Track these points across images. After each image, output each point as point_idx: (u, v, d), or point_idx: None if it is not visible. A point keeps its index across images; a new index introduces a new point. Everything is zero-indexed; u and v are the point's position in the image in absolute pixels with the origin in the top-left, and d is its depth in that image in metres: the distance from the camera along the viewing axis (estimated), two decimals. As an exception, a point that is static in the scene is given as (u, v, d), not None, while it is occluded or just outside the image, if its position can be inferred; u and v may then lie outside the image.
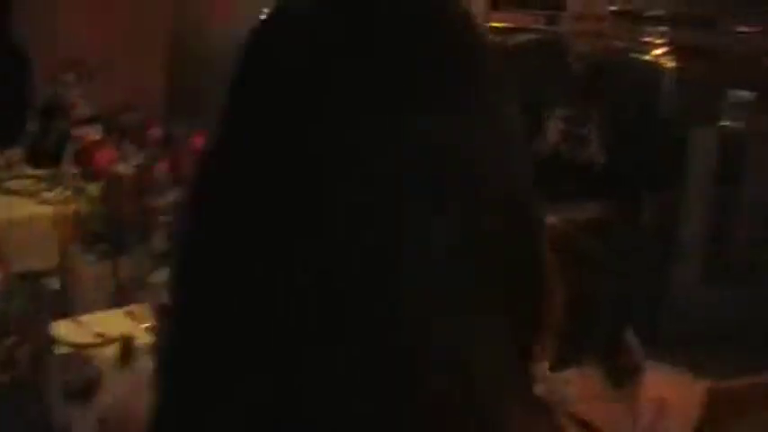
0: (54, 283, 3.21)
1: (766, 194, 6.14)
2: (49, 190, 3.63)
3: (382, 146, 0.65)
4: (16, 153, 3.94)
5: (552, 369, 1.75)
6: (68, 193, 3.50)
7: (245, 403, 0.65)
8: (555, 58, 3.37)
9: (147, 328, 2.30)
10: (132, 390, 1.75)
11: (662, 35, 5.06)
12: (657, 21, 5.32)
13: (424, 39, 0.68)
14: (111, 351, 2.18)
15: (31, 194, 3.65)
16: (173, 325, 0.74)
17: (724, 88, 5.27)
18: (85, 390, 1.85)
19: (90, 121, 3.87)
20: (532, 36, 4.70)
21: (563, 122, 3.16)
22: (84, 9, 5.59)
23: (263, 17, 0.75)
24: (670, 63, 4.74)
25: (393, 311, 0.64)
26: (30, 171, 3.87)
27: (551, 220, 1.74)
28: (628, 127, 3.14)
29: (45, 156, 3.78)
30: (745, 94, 5.79)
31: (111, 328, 2.32)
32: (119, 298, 2.89)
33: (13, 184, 3.77)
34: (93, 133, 3.78)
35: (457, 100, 0.69)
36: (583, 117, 3.13)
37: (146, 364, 2.01)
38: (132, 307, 2.51)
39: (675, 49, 4.94)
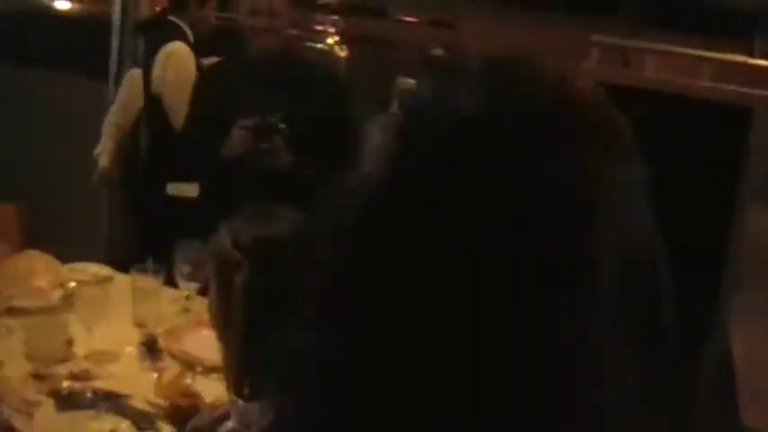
0: None
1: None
2: None
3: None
4: None
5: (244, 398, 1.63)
6: None
7: None
8: (238, 60, 3.21)
9: None
10: None
11: (334, 24, 5.07)
12: (329, 10, 5.34)
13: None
14: None
15: None
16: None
17: (394, 77, 5.39)
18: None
19: None
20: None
21: (248, 131, 2.99)
22: None
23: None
24: (342, 52, 4.76)
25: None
26: None
27: (245, 237, 1.60)
28: (312, 128, 3.02)
29: None
30: (412, 82, 5.98)
31: None
32: None
33: None
34: None
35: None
36: (267, 124, 2.98)
37: None
38: None
39: (347, 39, 4.97)
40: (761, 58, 7.96)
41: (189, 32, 3.85)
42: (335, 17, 5.19)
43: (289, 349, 0.82)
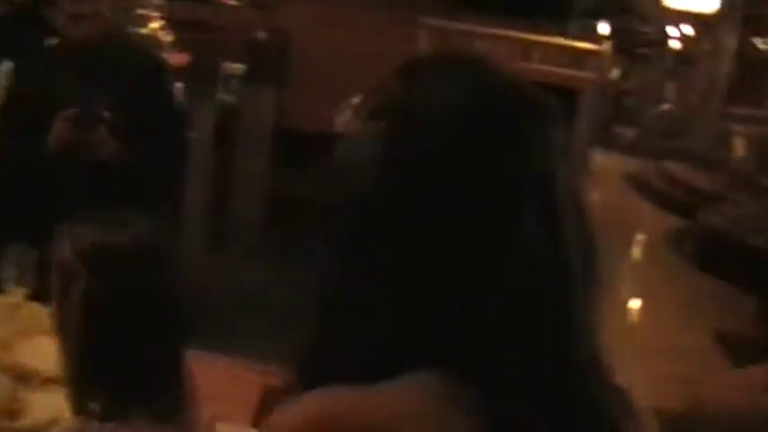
0: None
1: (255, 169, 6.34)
2: None
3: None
4: None
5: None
6: None
7: None
8: (56, 48, 2.97)
9: None
10: None
11: (157, 8, 4.86)
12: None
13: None
14: None
15: None
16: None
17: (219, 61, 5.26)
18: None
19: None
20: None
21: (71, 123, 2.80)
22: None
23: None
24: (167, 37, 4.57)
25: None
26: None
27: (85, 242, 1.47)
28: (138, 116, 2.86)
29: None
30: (237, 67, 5.86)
31: None
32: None
33: None
34: None
35: None
36: (91, 114, 2.79)
37: None
38: None
39: (171, 23, 4.78)
40: (574, 40, 8.28)
41: None
42: (158, 1, 4.98)
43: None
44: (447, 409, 0.89)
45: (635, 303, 7.65)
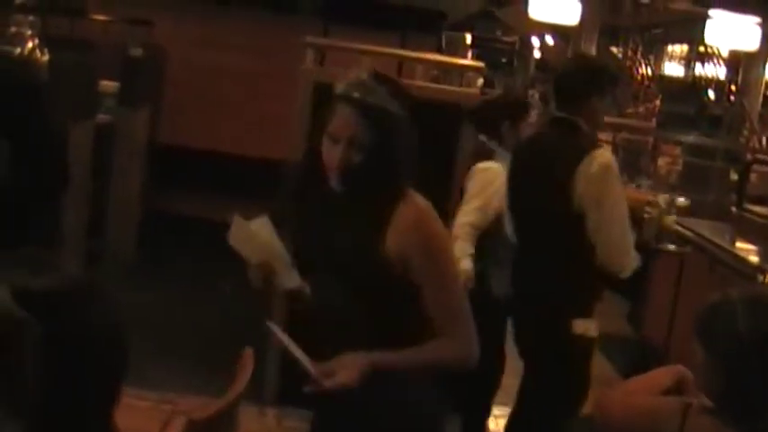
0: None
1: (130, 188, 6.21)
2: None
3: None
4: None
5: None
6: None
7: None
8: None
9: None
10: None
11: (32, 25, 4.71)
12: (28, 10, 4.95)
13: None
14: None
15: None
16: None
17: (95, 79, 5.12)
18: None
19: None
20: None
21: None
22: None
23: None
24: (44, 56, 4.43)
25: None
26: None
27: None
28: (23, 138, 2.75)
29: None
30: (112, 85, 5.72)
31: None
32: None
33: None
34: None
35: None
36: None
37: None
38: None
39: (47, 41, 4.63)
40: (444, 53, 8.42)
41: None
42: (32, 18, 4.82)
43: None
44: None
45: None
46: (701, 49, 13.41)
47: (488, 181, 3.75)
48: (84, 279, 1.40)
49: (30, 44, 4.44)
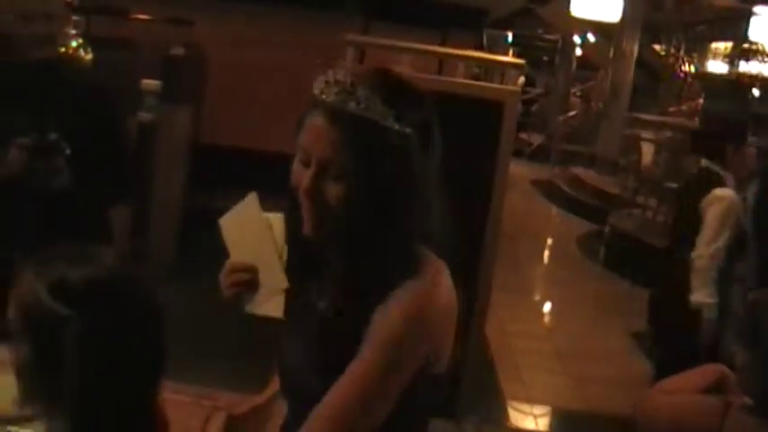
0: None
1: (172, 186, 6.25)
2: None
3: None
4: None
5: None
6: None
7: None
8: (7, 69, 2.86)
9: None
10: None
11: (76, 25, 4.77)
12: (72, 10, 5.01)
13: None
14: None
15: None
16: None
17: (137, 78, 5.16)
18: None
19: None
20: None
21: (25, 151, 2.70)
22: None
23: None
24: (87, 55, 4.49)
25: None
26: None
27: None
28: (88, 141, 2.76)
29: None
30: (153, 84, 5.76)
31: None
32: None
33: None
34: None
35: None
36: (46, 142, 2.70)
37: None
38: None
39: (90, 40, 4.69)
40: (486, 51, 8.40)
41: None
42: (76, 17, 4.88)
43: None
44: None
45: (548, 307, 7.82)
46: (745, 45, 13.26)
47: (730, 210, 3.82)
48: (124, 272, 1.42)
49: (74, 43, 4.49)
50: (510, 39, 15.04)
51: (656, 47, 14.96)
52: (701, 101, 12.58)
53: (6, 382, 2.14)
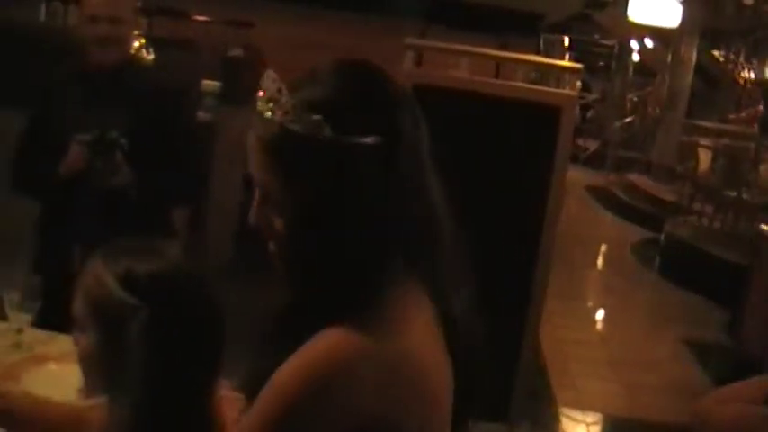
0: None
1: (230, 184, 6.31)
2: None
3: None
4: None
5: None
6: None
7: None
8: (70, 69, 2.92)
9: None
10: None
11: (138, 26, 4.83)
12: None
13: None
14: None
15: None
16: None
17: (197, 78, 5.24)
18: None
19: None
20: None
21: (86, 147, 2.75)
22: None
23: None
24: (149, 55, 4.56)
25: None
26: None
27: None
28: (151, 140, 2.81)
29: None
30: (213, 84, 5.83)
31: None
32: None
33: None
34: None
35: None
36: (106, 139, 2.75)
37: None
38: None
39: (152, 41, 4.76)
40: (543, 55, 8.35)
41: None
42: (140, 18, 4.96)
43: None
44: None
45: (602, 314, 7.75)
46: (808, 52, 13.02)
47: None
48: (188, 267, 1.44)
49: (136, 44, 4.56)
50: (566, 44, 14.93)
51: (715, 53, 14.73)
52: (761, 108, 12.37)
53: (70, 372, 2.21)
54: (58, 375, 2.26)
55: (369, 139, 1.14)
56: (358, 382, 1.11)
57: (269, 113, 1.16)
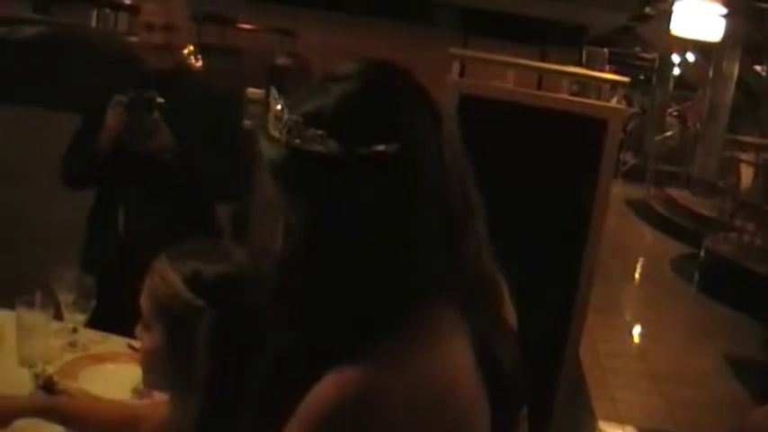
0: None
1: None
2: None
3: None
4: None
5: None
6: None
7: None
8: (125, 74, 2.97)
9: None
10: None
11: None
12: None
13: None
14: None
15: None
16: None
17: (243, 85, 5.28)
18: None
19: None
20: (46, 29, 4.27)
21: (124, 107, 2.78)
22: None
23: None
24: (198, 62, 4.60)
25: None
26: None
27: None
28: (200, 137, 2.85)
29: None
30: (258, 92, 5.88)
31: None
32: None
33: None
34: None
35: None
36: (144, 97, 2.77)
37: None
38: None
39: (201, 47, 4.81)
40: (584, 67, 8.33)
41: None
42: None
43: None
44: None
45: (641, 328, 7.71)
46: None
47: None
48: (253, 271, 1.47)
49: (185, 50, 4.61)
50: (606, 56, 14.87)
51: (757, 68, 14.61)
52: (804, 124, 12.25)
53: (125, 372, 2.25)
54: (113, 374, 2.29)
55: (379, 147, 1.04)
56: (384, 411, 1.02)
57: (276, 133, 1.07)
